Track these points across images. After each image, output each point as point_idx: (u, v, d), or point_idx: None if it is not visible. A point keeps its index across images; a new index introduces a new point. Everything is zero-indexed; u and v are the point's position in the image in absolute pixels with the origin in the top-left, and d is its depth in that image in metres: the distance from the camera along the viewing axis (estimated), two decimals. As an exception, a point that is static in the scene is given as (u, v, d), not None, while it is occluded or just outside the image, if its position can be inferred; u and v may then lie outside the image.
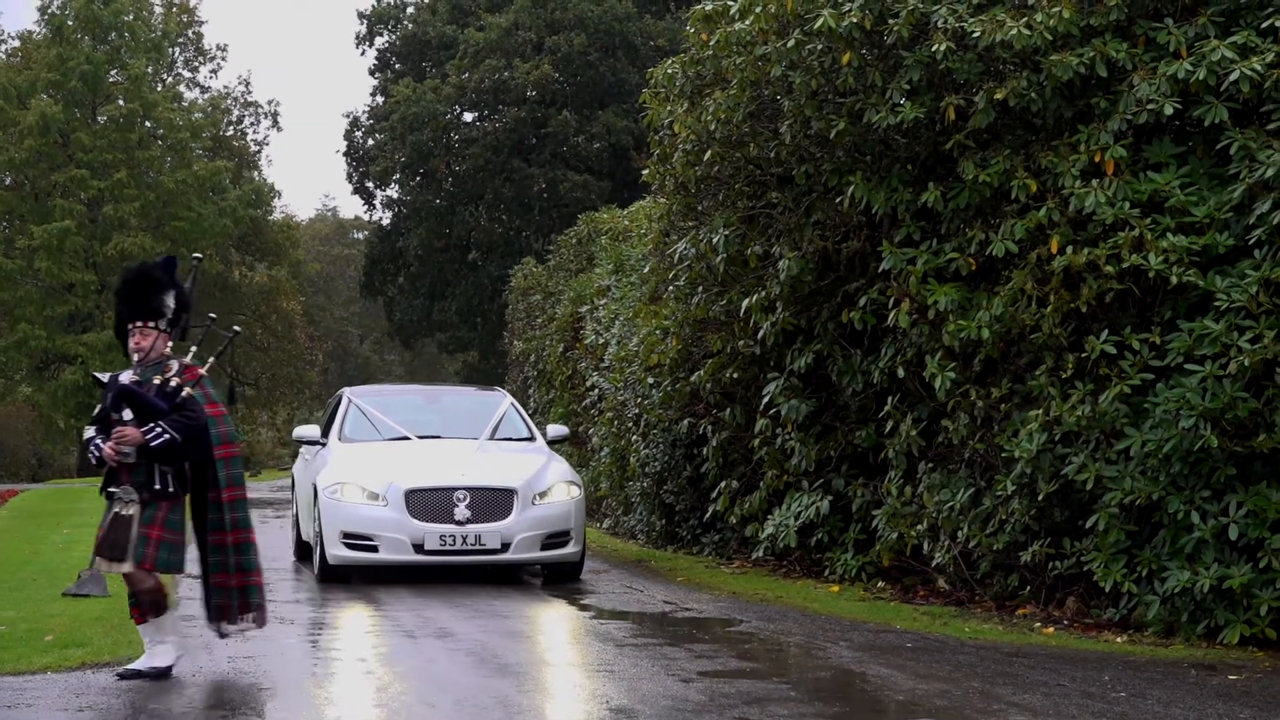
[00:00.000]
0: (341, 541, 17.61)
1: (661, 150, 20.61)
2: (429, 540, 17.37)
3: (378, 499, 17.58)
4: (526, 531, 17.62)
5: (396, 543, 17.41)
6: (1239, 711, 10.68)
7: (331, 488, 17.88)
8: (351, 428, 19.73)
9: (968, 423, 16.05)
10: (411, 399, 21.61)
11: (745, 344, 19.48)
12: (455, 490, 17.56)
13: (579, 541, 18.20)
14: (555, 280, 37.85)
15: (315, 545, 18.32)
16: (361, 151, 69.80)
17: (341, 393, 21.13)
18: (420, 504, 17.47)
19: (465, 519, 17.43)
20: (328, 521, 17.75)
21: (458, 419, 20.13)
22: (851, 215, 17.47)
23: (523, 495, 17.72)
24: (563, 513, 18.05)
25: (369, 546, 17.49)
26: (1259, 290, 13.56)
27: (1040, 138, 15.74)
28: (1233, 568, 13.50)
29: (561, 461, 19.02)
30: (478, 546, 17.38)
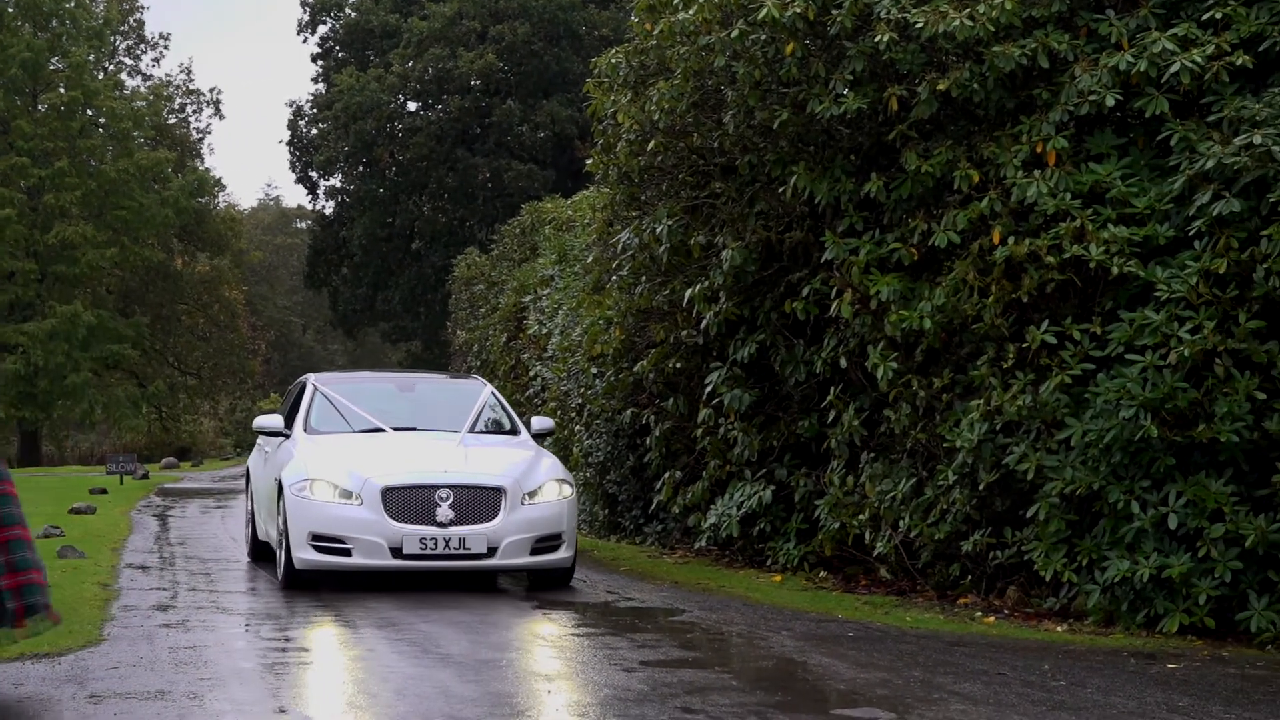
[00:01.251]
0: (310, 544, 15.95)
1: (605, 140, 20.60)
2: (408, 544, 15.71)
3: (351, 497, 15.91)
4: (515, 535, 15.98)
5: (372, 546, 15.76)
6: (1178, 700, 10.73)
7: (299, 484, 16.16)
8: (318, 418, 17.99)
9: (909, 413, 16.09)
10: (383, 387, 19.53)
11: (688, 334, 19.50)
12: (438, 489, 15.86)
13: (571, 545, 16.55)
14: (499, 270, 37.84)
15: (279, 548, 16.68)
16: (305, 140, 69.67)
17: (305, 379, 19.34)
18: (399, 503, 15.80)
19: (448, 520, 15.75)
20: (294, 522, 16.07)
21: (434, 410, 18.50)
22: (794, 205, 17.50)
23: (511, 494, 16.06)
24: (554, 514, 16.35)
25: (340, 550, 15.87)
26: (1199, 281, 13.63)
27: (982, 128, 15.80)
28: (1172, 557, 13.57)
29: (550, 457, 17.31)
30: (462, 551, 15.74)
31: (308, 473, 16.22)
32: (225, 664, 11.67)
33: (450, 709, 9.94)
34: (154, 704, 10.02)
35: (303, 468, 16.36)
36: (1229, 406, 13.36)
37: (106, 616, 14.06)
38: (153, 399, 72.27)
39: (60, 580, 16.32)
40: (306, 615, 14.36)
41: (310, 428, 17.74)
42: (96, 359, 66.44)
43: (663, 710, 10.02)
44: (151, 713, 9.75)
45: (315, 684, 11.00)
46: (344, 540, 15.83)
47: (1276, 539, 13.25)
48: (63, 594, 15.31)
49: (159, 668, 11.38)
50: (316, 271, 72.21)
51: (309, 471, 16.23)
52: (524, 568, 16.25)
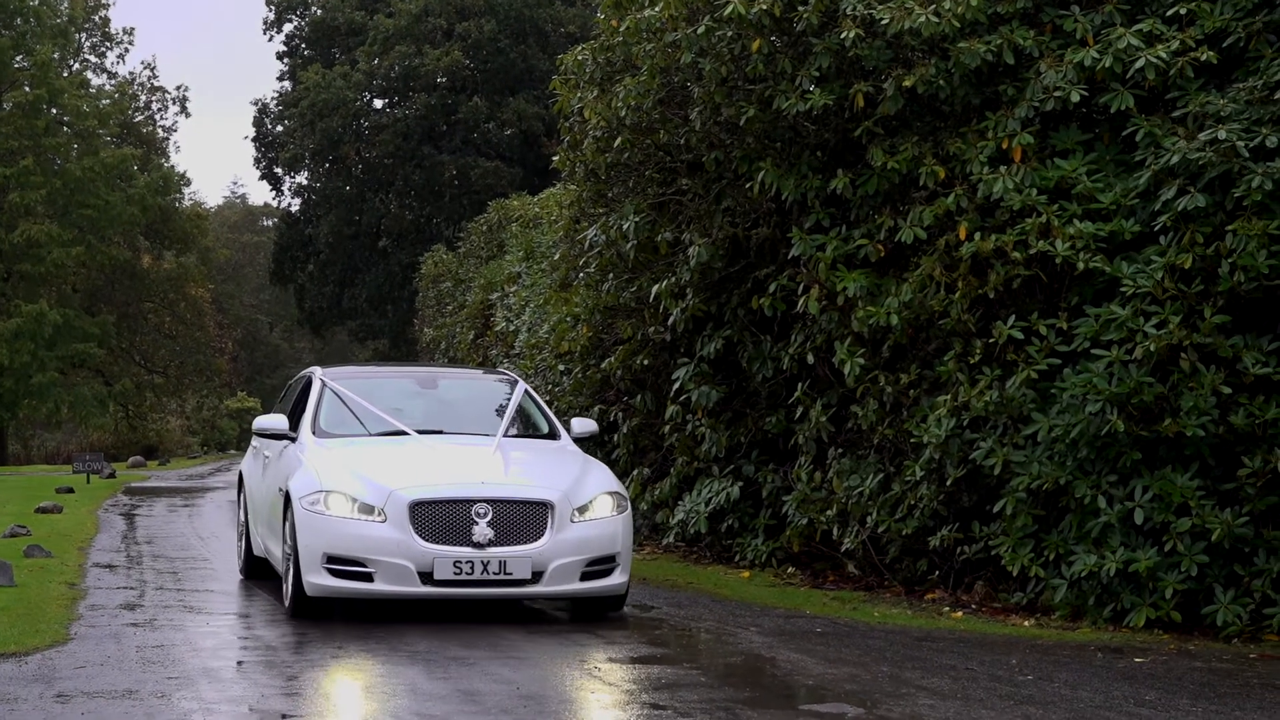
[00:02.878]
0: (324, 567, 13.61)
1: (572, 137, 20.60)
2: (440, 567, 13.37)
3: (372, 513, 13.58)
4: (564, 557, 13.63)
5: (397, 570, 13.42)
6: (1145, 693, 10.77)
7: (310, 497, 13.82)
8: (329, 419, 15.55)
9: (877, 408, 16.12)
10: (400, 384, 17.04)
11: (655, 330, 19.51)
12: (475, 503, 13.53)
13: (626, 569, 14.18)
14: (466, 267, 37.83)
15: (286, 569, 14.41)
16: (270, 138, 69.56)
17: (310, 373, 16.81)
18: (429, 520, 13.48)
19: (487, 540, 13.43)
20: (306, 541, 13.73)
21: (462, 410, 16.21)
22: (761, 202, 17.52)
23: (560, 510, 13.72)
24: (608, 532, 13.97)
25: (361, 574, 13.53)
26: (1164, 276, 13.68)
27: (948, 125, 15.83)
28: (1139, 551, 13.61)
29: (601, 466, 15.03)
30: (502, 576, 13.42)
31: (321, 483, 13.89)
32: (193, 662, 11.65)
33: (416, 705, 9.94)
34: (122, 703, 9.99)
35: (314, 477, 14.04)
36: (1195, 401, 13.41)
37: (73, 616, 14.01)
38: (119, 397, 72.09)
39: (27, 579, 16.27)
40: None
41: (320, 430, 15.35)
42: (62, 358, 66.21)
43: (631, 706, 10.03)
44: (119, 712, 9.73)
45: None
46: (364, 563, 13.51)
47: (1243, 533, 13.31)
48: (29, 593, 15.28)
49: (126, 667, 11.35)
50: (283, 269, 72.09)
51: (322, 482, 13.91)
52: (573, 595, 13.94)
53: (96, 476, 42.52)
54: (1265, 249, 13.28)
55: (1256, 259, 13.25)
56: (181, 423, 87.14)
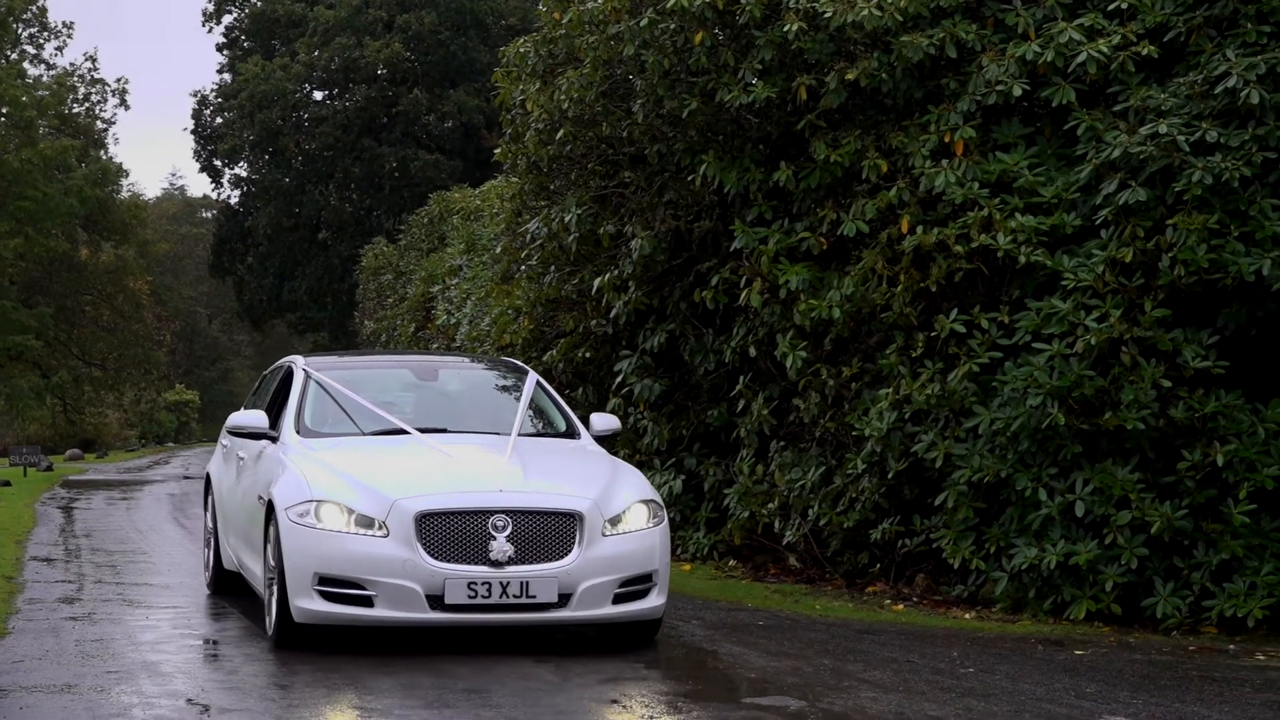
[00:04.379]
0: (315, 589, 11.65)
1: (514, 129, 20.54)
2: (452, 590, 11.44)
3: (372, 526, 11.66)
4: (596, 576, 11.74)
5: (402, 593, 11.49)
6: (1085, 686, 10.81)
7: (299, 508, 11.86)
8: (316, 415, 13.56)
9: (819, 401, 16.13)
10: (395, 374, 15.05)
11: (597, 323, 19.48)
12: (492, 514, 11.61)
13: (664, 590, 12.26)
14: (407, 260, 37.75)
15: (268, 591, 12.42)
16: (210, 129, 69.24)
17: (290, 363, 14.71)
18: (439, 535, 11.55)
19: (506, 558, 11.52)
20: (294, 558, 11.75)
21: (467, 404, 14.32)
22: (704, 194, 17.51)
23: (590, 521, 11.82)
24: (645, 547, 12.08)
25: (359, 598, 11.60)
26: (1105, 270, 13.74)
27: (891, 118, 15.85)
28: (1079, 544, 13.66)
29: (632, 470, 13.15)
30: (524, 599, 11.52)
31: (311, 491, 11.94)
32: (132, 656, 11.58)
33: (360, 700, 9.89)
34: (60, 698, 9.93)
35: (303, 484, 12.07)
36: (1135, 394, 13.47)
37: (11, 610, 13.92)
38: (56, 390, 71.59)
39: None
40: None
41: (306, 429, 13.37)
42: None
43: (573, 702, 10.00)
44: (58, 706, 9.67)
45: None
46: (363, 585, 11.57)
47: (1182, 526, 13.37)
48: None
49: (65, 661, 11.28)
50: (222, 261, 71.78)
51: (312, 490, 11.95)
52: (605, 620, 11.98)
53: (34, 469, 42.28)
54: (1205, 243, 13.34)
55: (1196, 253, 13.31)
56: (119, 415, 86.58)
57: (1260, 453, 13.29)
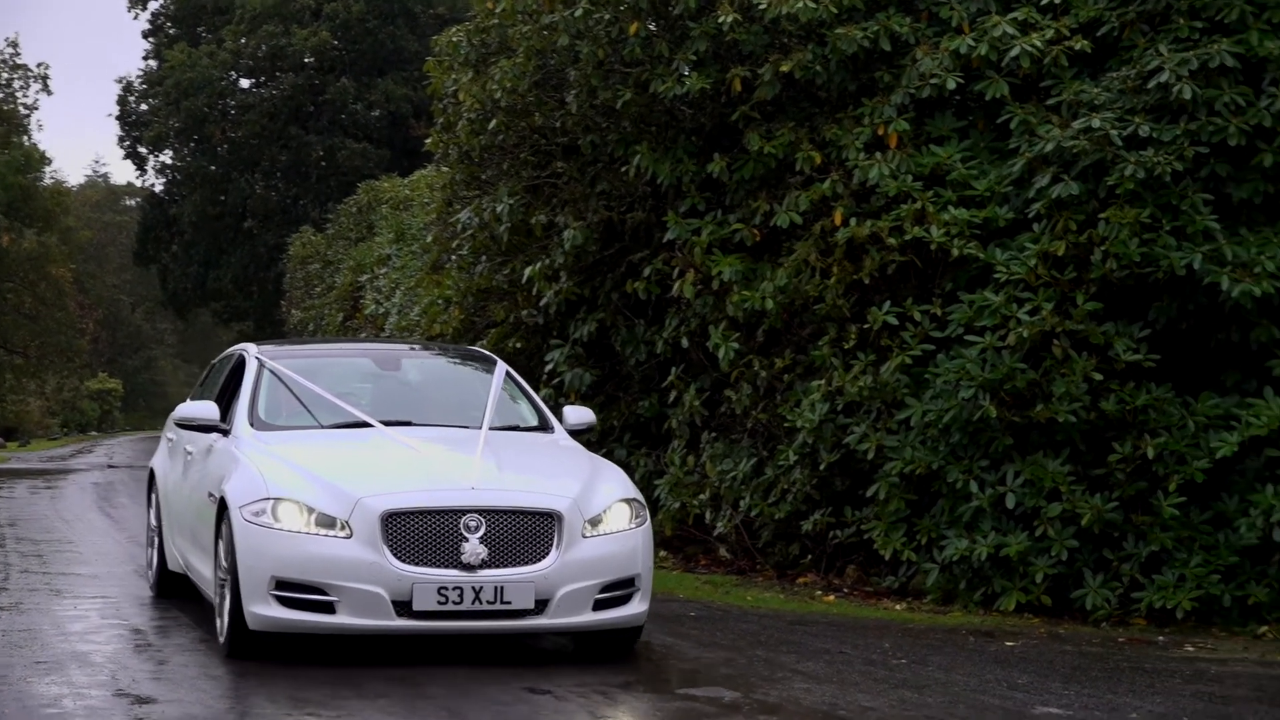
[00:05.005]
0: (272, 594, 10.76)
1: (445, 119, 20.47)
2: (421, 595, 10.61)
3: (335, 526, 10.78)
4: (575, 581, 10.92)
5: (366, 598, 10.62)
6: (1017, 677, 10.86)
7: (254, 506, 10.99)
8: (270, 407, 12.69)
9: (750, 393, 16.14)
10: (356, 364, 14.03)
11: (528, 313, 19.43)
12: (464, 514, 10.78)
13: (647, 595, 11.41)
14: (335, 249, 37.62)
15: (219, 596, 11.46)
16: (135, 116, 68.76)
17: (242, 351, 13.75)
18: (406, 536, 10.70)
19: (479, 560, 10.69)
20: (249, 561, 10.87)
21: (433, 395, 13.49)
22: (636, 185, 17.49)
23: (569, 521, 11.00)
24: (626, 550, 11.27)
25: (320, 604, 10.72)
26: (1038, 263, 13.80)
27: (824, 110, 15.88)
28: (1010, 536, 13.72)
29: (611, 466, 12.42)
30: (499, 606, 10.70)
31: (267, 488, 11.06)
32: (61, 647, 11.49)
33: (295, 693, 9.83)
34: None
35: (258, 480, 11.20)
36: (1066, 387, 13.54)
37: (-64, 599, 13.80)
38: (-23, 378, 71.08)
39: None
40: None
41: (260, 421, 12.47)
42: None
43: (506, 691, 9.98)
44: (-13, 696, 9.58)
45: None
46: (324, 589, 10.69)
47: (1112, 518, 13.45)
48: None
49: (-7, 650, 11.19)
50: (146, 249, 71.35)
51: (269, 486, 11.08)
52: (585, 628, 11.15)
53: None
54: (1137, 237, 13.42)
55: (1128, 247, 13.39)
56: (42, 404, 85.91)
57: (1190, 445, 13.38)
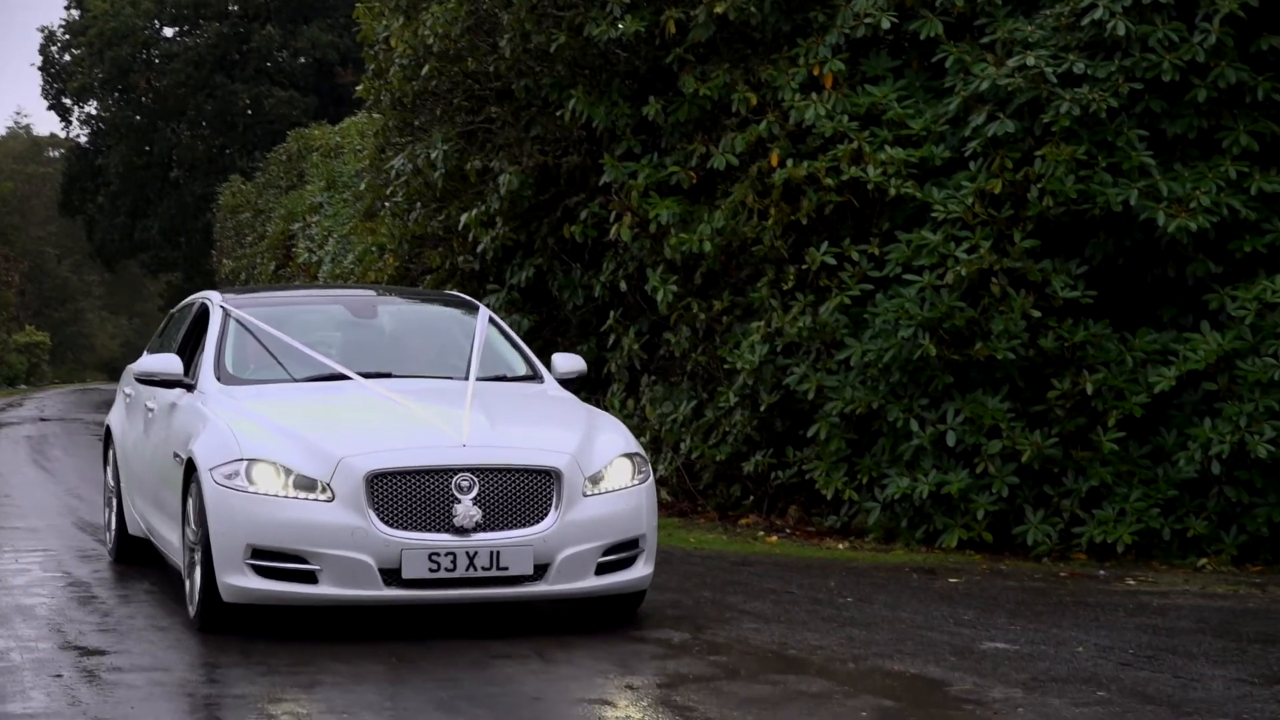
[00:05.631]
0: (248, 563, 9.96)
1: (376, 65, 20.36)
2: (410, 563, 9.81)
3: (315, 489, 9.97)
4: (577, 544, 10.12)
5: (351, 566, 9.83)
6: (962, 613, 10.94)
7: (227, 468, 10.13)
8: (239, 360, 11.72)
9: (689, 335, 16.17)
10: (328, 311, 12.93)
11: (464, 259, 19.38)
12: (455, 473, 9.97)
13: (652, 557, 10.62)
14: (265, 198, 37.41)
15: (188, 564, 10.64)
16: (57, 67, 68.03)
17: (205, 300, 12.69)
18: (394, 498, 9.90)
19: (472, 523, 9.88)
20: (222, 527, 10.04)
21: (413, 345, 12.53)
22: (572, 129, 17.45)
23: (569, 479, 10.18)
24: (630, 508, 10.45)
25: (300, 573, 9.92)
26: (975, 201, 13.85)
27: (759, 52, 15.87)
28: (950, 474, 13.80)
29: (610, 418, 11.59)
30: (494, 572, 9.90)
31: (240, 448, 10.20)
32: (5, 600, 11.45)
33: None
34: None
35: (230, 440, 10.33)
36: (1005, 325, 13.61)
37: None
38: (-97, 333, 70.52)
39: None
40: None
41: (228, 375, 11.52)
42: None
43: (455, 642, 9.98)
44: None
45: None
46: (305, 558, 9.89)
47: (1052, 454, 13.54)
48: None
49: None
50: (71, 201, 70.71)
51: (241, 446, 10.21)
52: (587, 594, 10.32)
53: (-116, 414, 41.59)
54: (1073, 174, 13.49)
55: (1064, 184, 13.46)
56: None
57: (1128, 381, 13.47)
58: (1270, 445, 12.73)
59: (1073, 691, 8.56)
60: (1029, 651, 9.64)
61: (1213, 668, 9.18)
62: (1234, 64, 13.51)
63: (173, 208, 64.84)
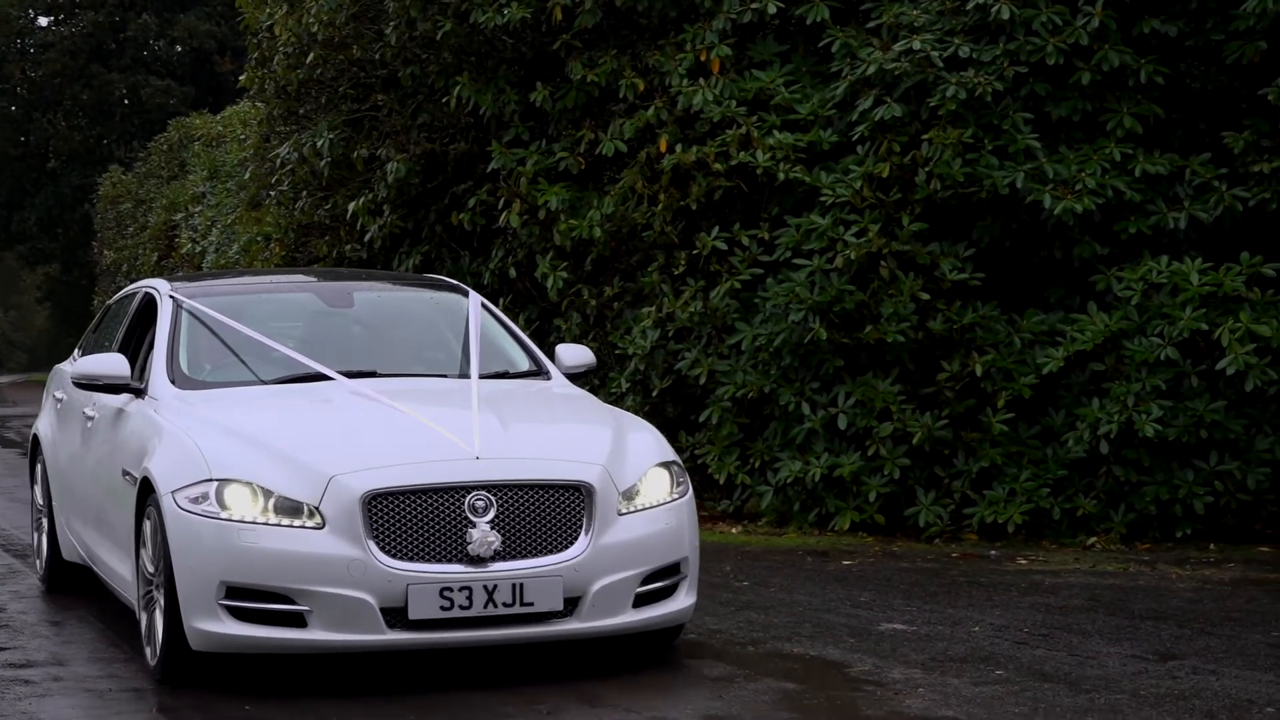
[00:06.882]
0: (222, 604, 8.31)
1: (260, 54, 20.20)
2: (419, 600, 8.24)
3: (301, 514, 8.34)
4: (612, 573, 8.60)
5: (347, 607, 8.23)
6: (858, 595, 11.01)
7: (194, 490, 8.50)
8: (193, 359, 10.00)
9: (580, 322, 16.17)
10: (296, 299, 11.08)
11: (352, 248, 19.27)
12: (468, 490, 8.40)
13: (694, 584, 9.16)
14: (146, 188, 37.07)
15: (145, 607, 9.00)
16: (-71, 57, 67.10)
17: (151, 290, 11.00)
18: (397, 523, 8.31)
19: (490, 551, 8.32)
20: (188, 562, 8.42)
21: (399, 339, 10.85)
22: (459, 117, 17.39)
23: (602, 496, 8.65)
24: (671, 528, 8.95)
25: (287, 616, 8.30)
26: (863, 185, 13.93)
27: (646, 38, 15.88)
28: (842, 457, 13.87)
29: (638, 421, 9.93)
30: (518, 609, 8.35)
31: (208, 466, 8.55)
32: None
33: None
34: None
35: (195, 455, 8.66)
36: (894, 308, 13.69)
37: None
38: None
39: None
40: None
41: (183, 377, 9.80)
42: None
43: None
44: None
45: None
46: (292, 597, 8.26)
47: (942, 435, 13.63)
48: None
49: None
50: (-56, 192, 69.95)
51: (210, 464, 8.56)
52: (624, 631, 8.77)
53: None
54: (960, 157, 13.59)
55: (951, 167, 13.56)
56: None
57: (1017, 362, 13.59)
58: (1157, 424, 12.88)
59: (971, 671, 8.64)
60: (926, 632, 9.72)
61: (1107, 645, 9.28)
62: (1117, 47, 13.65)
63: (50, 199, 64.16)
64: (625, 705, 8.09)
